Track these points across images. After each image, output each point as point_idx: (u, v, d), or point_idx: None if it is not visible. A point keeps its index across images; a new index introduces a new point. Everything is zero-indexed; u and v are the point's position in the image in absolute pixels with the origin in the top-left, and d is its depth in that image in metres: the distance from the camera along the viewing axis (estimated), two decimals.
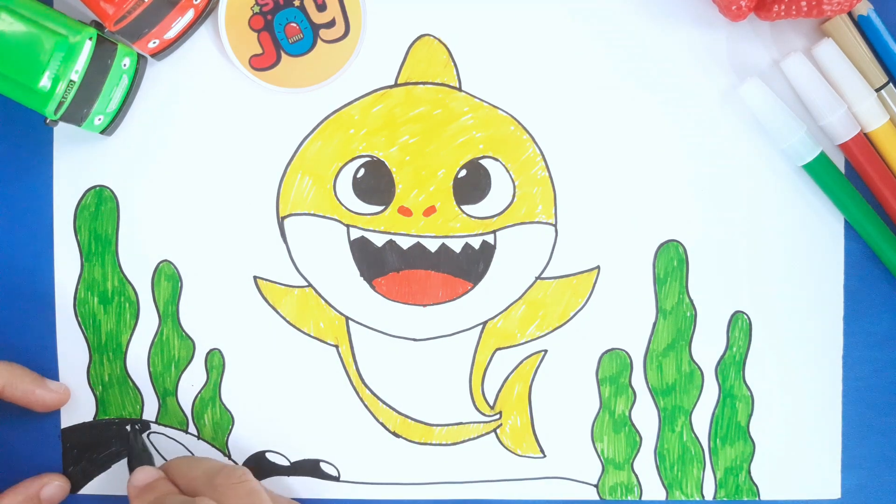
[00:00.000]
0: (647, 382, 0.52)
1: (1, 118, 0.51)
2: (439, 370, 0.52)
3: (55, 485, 0.51)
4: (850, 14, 0.50)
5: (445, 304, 0.52)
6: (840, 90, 0.50)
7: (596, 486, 0.52)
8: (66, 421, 0.52)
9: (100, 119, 0.49)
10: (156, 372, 0.52)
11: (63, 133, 0.51)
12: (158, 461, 0.52)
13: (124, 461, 0.52)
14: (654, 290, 0.52)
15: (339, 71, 0.51)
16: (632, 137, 0.51)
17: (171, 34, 0.49)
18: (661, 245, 0.52)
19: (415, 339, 0.52)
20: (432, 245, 0.51)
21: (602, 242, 0.52)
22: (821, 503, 0.52)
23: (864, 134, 0.50)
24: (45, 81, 0.45)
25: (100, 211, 0.52)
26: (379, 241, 0.51)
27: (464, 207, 0.51)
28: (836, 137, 0.50)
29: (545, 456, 0.52)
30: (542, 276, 0.52)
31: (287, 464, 0.52)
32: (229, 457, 0.52)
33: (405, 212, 0.51)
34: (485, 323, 0.52)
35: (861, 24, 0.50)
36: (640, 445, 0.52)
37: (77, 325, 0.52)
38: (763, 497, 0.52)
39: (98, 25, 0.47)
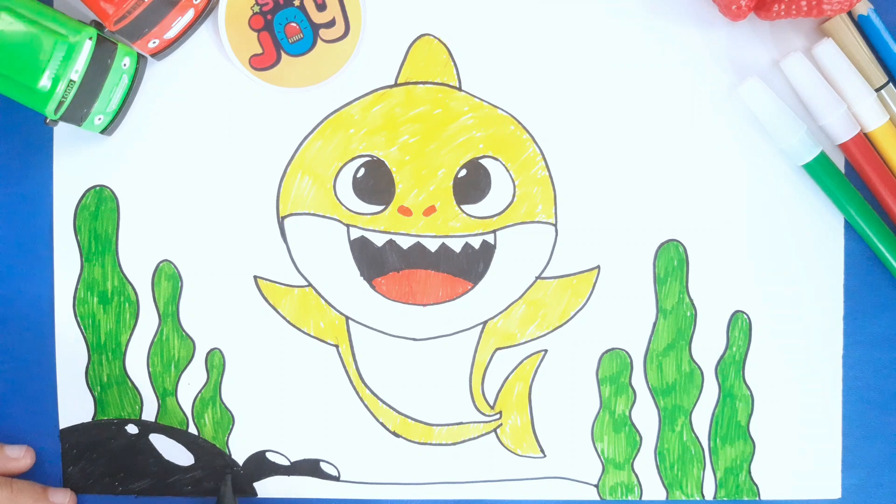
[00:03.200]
0: (647, 382, 0.52)
1: (1, 118, 0.51)
2: (439, 370, 0.52)
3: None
4: (850, 14, 0.50)
5: (445, 304, 0.52)
6: (840, 90, 0.50)
7: (596, 486, 0.52)
8: (65, 422, 0.52)
9: (100, 119, 0.49)
10: (155, 372, 0.52)
11: (63, 133, 0.51)
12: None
13: (123, 461, 0.52)
14: (654, 289, 0.52)
15: (339, 71, 0.51)
16: (632, 137, 0.51)
17: (171, 34, 0.49)
18: (661, 245, 0.52)
19: (415, 339, 0.52)
20: (432, 245, 0.51)
21: (602, 242, 0.52)
22: (821, 503, 0.52)
23: (864, 134, 0.50)
24: (45, 81, 0.45)
25: (100, 211, 0.52)
26: (379, 240, 0.51)
27: (464, 207, 0.51)
28: (836, 137, 0.50)
29: (545, 456, 0.52)
30: (542, 275, 0.52)
31: (287, 464, 0.52)
32: (229, 456, 0.52)
33: (405, 211, 0.51)
34: (485, 323, 0.52)
35: (861, 24, 0.50)
36: (640, 445, 0.52)
37: (76, 325, 0.52)
38: (763, 497, 0.52)
39: (98, 25, 0.47)
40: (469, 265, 0.52)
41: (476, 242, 0.52)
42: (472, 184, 0.51)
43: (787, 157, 0.51)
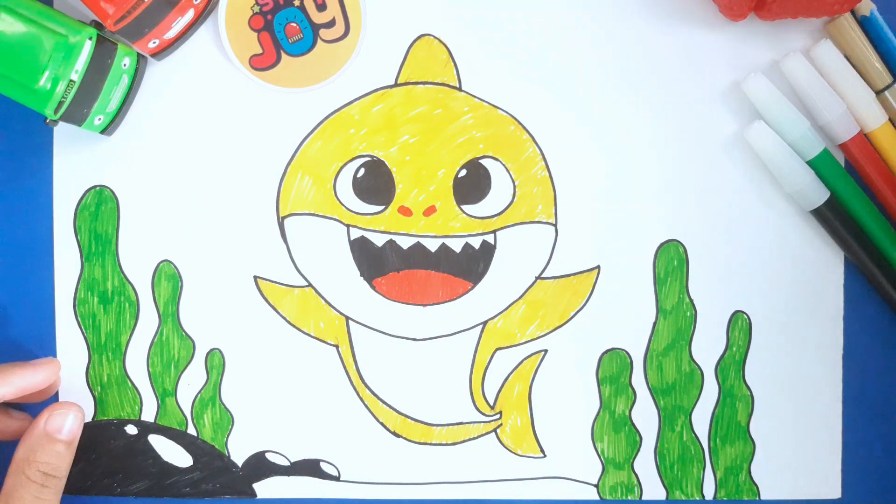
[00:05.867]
0: (647, 382, 0.52)
1: (1, 118, 0.51)
2: (439, 370, 0.52)
3: (59, 413, 0.50)
4: (853, 14, 0.50)
5: (445, 304, 0.52)
6: (840, 90, 0.50)
7: (596, 486, 0.52)
8: None
9: (100, 119, 0.49)
10: (155, 372, 0.52)
11: (63, 133, 0.51)
12: None
13: (122, 462, 0.52)
14: (654, 289, 0.52)
15: (339, 71, 0.51)
16: (632, 137, 0.51)
17: (171, 34, 0.49)
18: (661, 245, 0.52)
19: (415, 339, 0.52)
20: (432, 245, 0.51)
21: (602, 242, 0.52)
22: (821, 503, 0.52)
23: (864, 134, 0.50)
24: (44, 81, 0.45)
25: (100, 211, 0.52)
26: (379, 240, 0.51)
27: (464, 207, 0.51)
28: (835, 137, 0.51)
29: (545, 456, 0.52)
30: (542, 275, 0.52)
31: (287, 464, 0.52)
32: (229, 457, 0.52)
33: (405, 211, 0.51)
34: (485, 323, 0.52)
35: (864, 25, 0.50)
36: (640, 445, 0.52)
37: (77, 325, 0.52)
38: (763, 497, 0.52)
39: (98, 25, 0.47)
40: (469, 265, 0.52)
41: (476, 242, 0.52)
42: (472, 184, 0.51)
43: None
